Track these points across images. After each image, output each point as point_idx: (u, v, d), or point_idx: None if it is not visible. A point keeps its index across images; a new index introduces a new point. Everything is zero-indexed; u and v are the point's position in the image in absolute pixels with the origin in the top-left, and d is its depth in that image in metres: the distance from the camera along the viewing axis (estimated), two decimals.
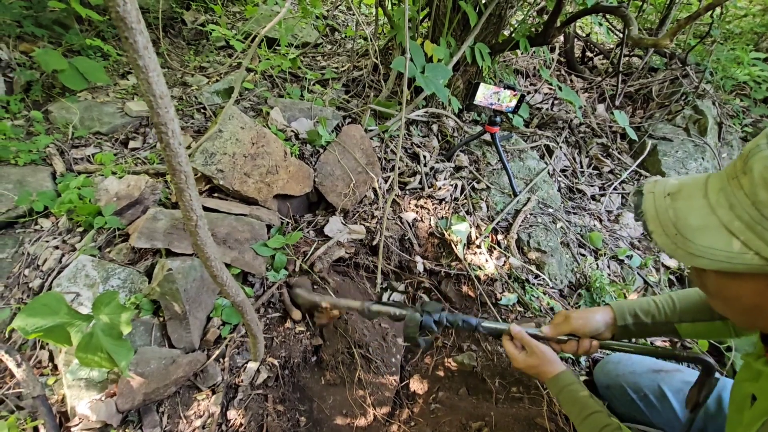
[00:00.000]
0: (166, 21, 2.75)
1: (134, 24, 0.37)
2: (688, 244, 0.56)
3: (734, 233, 0.52)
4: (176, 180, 0.47)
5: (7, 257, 1.37)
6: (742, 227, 0.51)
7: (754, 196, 0.50)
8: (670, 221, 0.58)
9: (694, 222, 0.56)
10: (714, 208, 0.55)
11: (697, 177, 0.60)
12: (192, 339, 1.27)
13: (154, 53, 0.40)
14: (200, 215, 0.52)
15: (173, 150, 0.44)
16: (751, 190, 0.50)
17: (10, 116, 1.81)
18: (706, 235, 0.54)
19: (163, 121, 0.42)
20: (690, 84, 2.95)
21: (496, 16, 2.33)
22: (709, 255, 0.54)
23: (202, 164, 1.53)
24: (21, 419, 1.07)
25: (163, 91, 0.41)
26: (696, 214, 0.56)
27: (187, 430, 1.15)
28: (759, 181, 0.49)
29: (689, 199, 0.58)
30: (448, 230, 1.93)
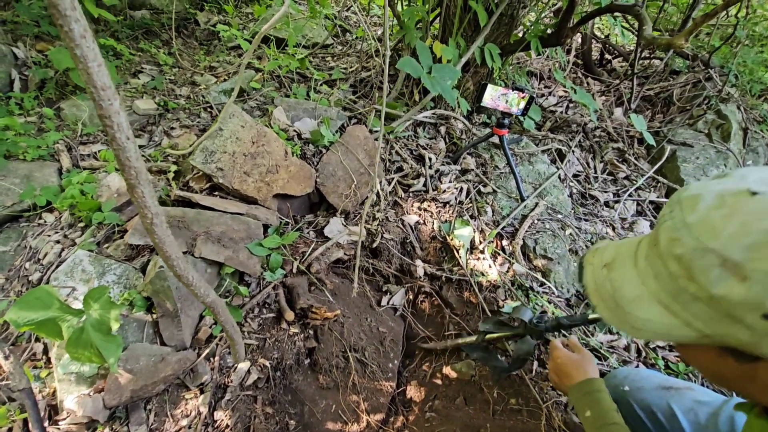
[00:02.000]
0: (179, 21, 2.80)
1: (68, 11, 0.36)
2: (628, 317, 0.52)
3: (664, 304, 0.49)
4: (126, 176, 0.46)
5: (10, 250, 1.40)
6: (669, 298, 0.48)
7: (666, 268, 0.48)
8: (609, 294, 0.55)
9: (628, 294, 0.53)
10: (643, 278, 0.52)
11: (631, 242, 0.57)
12: (183, 337, 1.27)
13: (93, 41, 0.38)
14: (156, 212, 0.51)
15: (120, 144, 0.42)
16: (663, 262, 0.48)
17: (23, 113, 1.86)
18: (641, 307, 0.51)
19: (107, 113, 0.41)
20: (713, 87, 2.82)
21: (507, 16, 2.28)
22: (649, 327, 0.50)
23: (202, 162, 1.53)
24: (11, 411, 1.09)
25: (105, 83, 0.39)
26: (629, 285, 0.53)
27: (173, 429, 1.14)
28: (665, 252, 0.48)
29: (622, 269, 0.55)
30: (451, 234, 1.88)
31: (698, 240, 0.45)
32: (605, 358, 1.57)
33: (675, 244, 0.47)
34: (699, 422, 0.98)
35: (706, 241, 0.45)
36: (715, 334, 0.46)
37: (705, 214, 0.46)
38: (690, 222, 0.46)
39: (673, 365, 1.62)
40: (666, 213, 0.50)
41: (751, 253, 0.42)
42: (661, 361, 1.61)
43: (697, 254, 0.45)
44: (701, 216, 0.46)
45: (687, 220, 0.47)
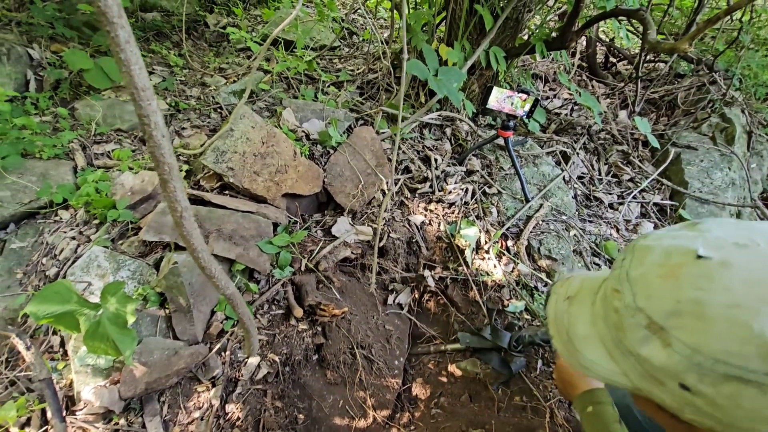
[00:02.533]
0: (189, 24, 2.84)
1: (115, 18, 0.39)
2: (577, 354, 0.52)
3: (608, 349, 0.48)
4: (160, 171, 0.49)
5: (27, 246, 1.43)
6: (612, 345, 0.48)
7: (609, 315, 0.48)
8: (564, 327, 0.55)
9: (580, 331, 0.52)
10: (594, 318, 0.51)
11: (597, 279, 0.56)
12: (195, 332, 1.30)
13: (135, 46, 0.41)
14: (185, 206, 0.54)
15: (156, 142, 0.46)
16: (607, 306, 0.48)
17: (38, 112, 1.90)
18: (589, 347, 0.50)
19: (145, 113, 0.44)
20: (718, 91, 2.84)
21: (513, 19, 2.31)
22: (594, 369, 0.50)
23: (213, 162, 1.56)
24: (30, 401, 1.12)
25: (145, 84, 0.43)
26: (581, 322, 0.53)
27: (186, 420, 1.17)
28: (608, 302, 0.47)
29: (581, 305, 0.54)
30: (457, 234, 1.91)
31: (633, 297, 0.44)
32: None
33: (615, 296, 0.47)
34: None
35: (638, 300, 0.44)
36: (645, 389, 0.45)
37: (646, 271, 0.45)
38: (632, 276, 0.46)
39: None
40: (619, 260, 0.49)
41: (674, 320, 0.40)
42: None
43: (630, 311, 0.44)
44: (643, 272, 0.45)
45: (630, 273, 0.46)
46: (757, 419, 0.38)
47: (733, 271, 0.39)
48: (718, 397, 0.39)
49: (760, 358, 0.36)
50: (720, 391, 0.38)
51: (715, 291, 0.39)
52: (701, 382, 0.39)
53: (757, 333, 0.36)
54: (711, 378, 0.38)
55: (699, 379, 0.39)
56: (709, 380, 0.39)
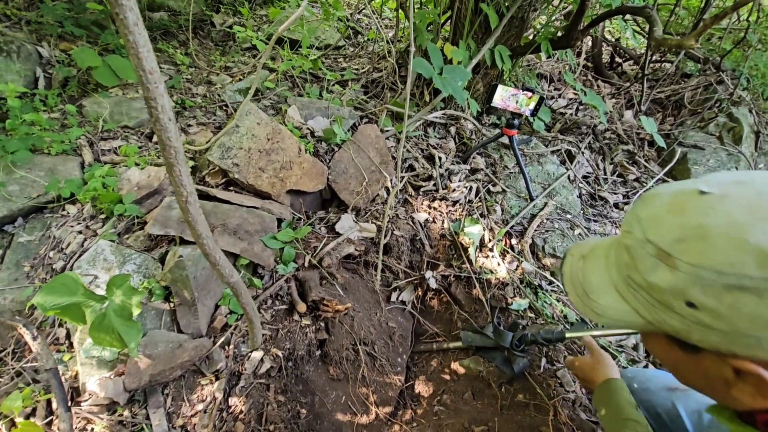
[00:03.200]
0: (196, 23, 2.87)
1: (124, 1, 0.39)
2: (591, 303, 0.57)
3: (620, 292, 0.54)
4: (166, 155, 0.49)
5: (35, 239, 1.45)
6: (623, 286, 0.53)
7: (621, 257, 0.54)
8: (579, 282, 0.60)
9: (594, 281, 0.58)
10: (608, 268, 0.56)
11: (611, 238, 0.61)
12: (199, 325, 1.31)
13: (144, 29, 0.42)
14: (191, 191, 0.54)
15: (163, 125, 0.46)
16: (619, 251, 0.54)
17: (47, 109, 1.92)
18: (602, 294, 0.56)
19: (152, 95, 0.44)
20: (725, 90, 2.82)
21: (518, 18, 2.31)
22: (608, 314, 0.55)
23: (219, 158, 1.57)
24: (35, 392, 1.13)
25: (152, 67, 0.43)
26: (596, 273, 0.58)
27: (189, 412, 1.18)
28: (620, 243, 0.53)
29: (594, 260, 0.60)
30: (461, 232, 1.90)
31: (643, 232, 0.49)
32: (614, 357, 1.57)
33: (626, 236, 0.52)
34: (702, 423, 0.99)
35: (648, 234, 0.49)
36: (655, 320, 0.50)
37: (655, 210, 0.50)
38: (642, 216, 0.51)
39: None
40: (629, 210, 0.55)
41: (680, 246, 0.45)
42: None
43: (640, 245, 0.49)
44: (652, 212, 0.50)
45: (640, 214, 0.51)
46: (757, 324, 0.41)
47: (732, 200, 0.44)
48: (721, 307, 0.43)
49: (757, 265, 0.40)
50: (722, 301, 0.42)
51: (717, 216, 0.44)
52: (705, 295, 0.43)
53: (753, 244, 0.41)
54: (713, 290, 0.43)
55: (703, 293, 0.44)
56: (712, 292, 0.43)
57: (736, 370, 0.47)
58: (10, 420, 1.09)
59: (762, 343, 0.42)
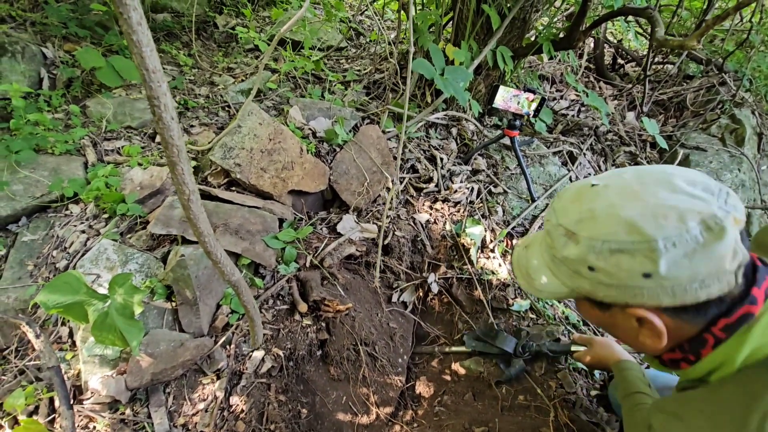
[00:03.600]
0: (199, 24, 2.88)
1: (128, 0, 0.40)
2: (534, 282, 0.71)
3: (551, 270, 0.68)
4: (169, 153, 0.50)
5: (39, 239, 1.46)
6: (552, 265, 0.67)
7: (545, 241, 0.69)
8: (524, 266, 0.74)
9: (534, 263, 0.71)
10: (542, 252, 0.70)
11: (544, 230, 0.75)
12: (201, 324, 1.31)
13: (147, 29, 0.42)
14: (193, 189, 0.55)
15: (165, 123, 0.47)
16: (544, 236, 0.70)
17: (51, 109, 1.93)
18: (540, 272, 0.69)
19: (155, 94, 0.45)
20: (727, 92, 2.81)
21: (520, 20, 2.31)
22: (546, 289, 0.69)
23: (221, 158, 1.58)
24: (38, 390, 1.14)
25: (155, 66, 0.44)
26: (535, 257, 0.72)
27: (191, 411, 1.18)
28: (544, 229, 0.70)
29: (534, 247, 0.74)
30: (462, 233, 1.91)
31: (556, 218, 0.65)
32: None
33: (547, 223, 0.68)
34: None
35: (559, 219, 0.64)
36: (575, 287, 0.64)
37: (563, 201, 0.66)
38: (555, 207, 0.67)
39: None
40: (552, 201, 0.70)
41: (579, 225, 0.60)
42: None
43: (554, 228, 0.65)
44: (561, 203, 0.66)
45: (554, 206, 0.67)
46: (634, 276, 0.55)
47: (611, 189, 0.60)
48: (609, 267, 0.57)
49: (626, 232, 0.55)
50: (609, 262, 0.57)
51: (600, 200, 0.60)
52: (598, 259, 0.58)
53: (623, 217, 0.56)
54: (603, 255, 0.57)
55: (596, 258, 0.58)
56: (602, 257, 0.57)
57: (638, 318, 0.59)
58: (13, 417, 1.10)
59: (644, 292, 0.56)
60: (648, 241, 0.53)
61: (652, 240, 0.53)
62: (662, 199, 0.55)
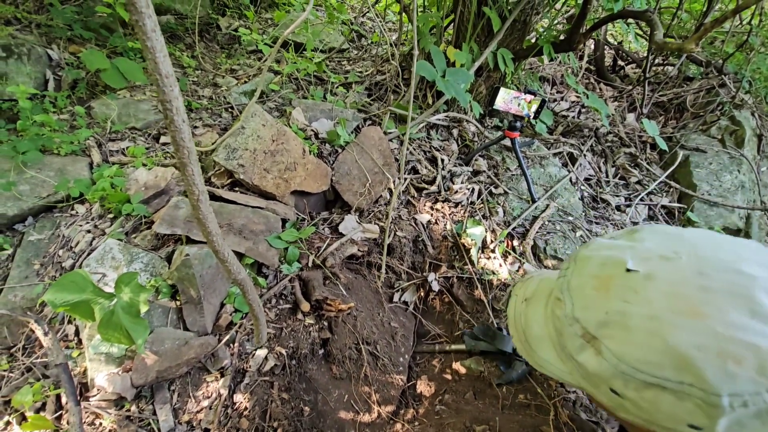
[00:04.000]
0: (202, 26, 2.91)
1: (143, 9, 0.42)
2: (532, 353, 0.55)
3: (557, 351, 0.52)
4: (179, 155, 0.51)
5: (45, 238, 1.48)
6: (559, 348, 0.51)
7: (555, 320, 0.52)
8: (521, 328, 0.58)
9: (535, 332, 0.56)
10: (546, 321, 0.54)
11: (551, 281, 0.58)
12: (205, 323, 1.33)
13: (161, 36, 0.44)
14: (202, 190, 0.57)
15: (177, 126, 0.48)
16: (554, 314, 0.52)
17: (57, 111, 1.96)
18: (543, 347, 0.54)
19: (168, 98, 0.47)
20: (727, 94, 2.82)
21: (520, 22, 2.33)
22: (547, 367, 0.53)
23: (225, 159, 1.60)
24: (45, 387, 1.16)
25: (168, 71, 0.45)
26: (536, 324, 0.56)
27: (195, 408, 1.20)
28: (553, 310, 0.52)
29: (536, 306, 0.57)
30: (463, 233, 1.92)
31: (572, 307, 0.48)
32: None
33: (558, 305, 0.51)
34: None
35: (576, 311, 0.48)
36: (587, 390, 0.49)
37: (583, 282, 0.49)
38: (572, 286, 0.50)
39: None
40: (564, 268, 0.53)
41: (604, 330, 0.44)
42: None
43: (568, 320, 0.49)
44: (580, 282, 0.49)
45: (571, 283, 0.50)
46: (676, 420, 0.41)
47: (656, 284, 0.42)
48: (641, 401, 0.42)
49: (674, 368, 0.39)
50: (642, 396, 0.42)
51: (639, 303, 0.42)
52: (626, 387, 0.43)
53: (671, 345, 0.39)
54: (634, 384, 0.42)
55: (624, 385, 0.43)
56: (633, 386, 0.42)
57: None
58: (21, 414, 1.12)
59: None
60: (707, 392, 0.38)
61: (713, 393, 0.38)
62: (736, 328, 0.38)
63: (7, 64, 1.90)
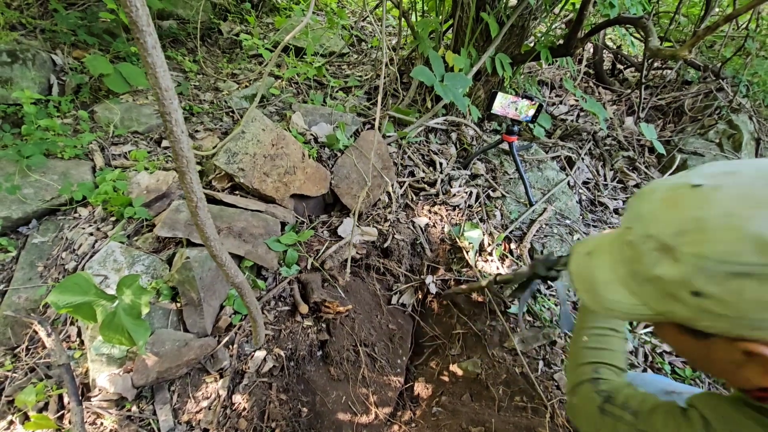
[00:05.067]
0: (204, 31, 2.94)
1: (144, 27, 0.44)
2: (601, 299, 0.58)
3: (628, 287, 0.55)
4: (179, 164, 0.54)
5: (48, 241, 1.51)
6: (630, 281, 0.55)
7: (624, 253, 0.55)
8: (587, 278, 0.62)
9: (601, 277, 0.59)
10: (614, 264, 0.58)
11: (613, 233, 0.62)
12: (205, 325, 1.35)
13: (161, 52, 0.46)
14: (200, 197, 0.59)
15: (176, 137, 0.51)
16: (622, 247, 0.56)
17: (60, 115, 1.99)
18: (611, 289, 0.57)
19: (167, 111, 0.49)
20: (725, 98, 2.84)
21: (518, 27, 2.35)
22: (617, 308, 0.56)
23: (225, 163, 1.62)
24: (48, 387, 1.18)
25: (168, 85, 0.48)
26: (602, 270, 0.60)
27: (194, 409, 1.22)
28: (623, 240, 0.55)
29: (600, 256, 0.61)
30: (461, 236, 1.94)
31: (644, 228, 0.51)
32: None
33: (628, 232, 0.54)
34: None
35: (649, 229, 0.51)
36: (663, 311, 0.52)
37: (653, 206, 0.52)
38: (640, 213, 0.53)
39: (679, 370, 1.64)
40: (628, 207, 0.57)
41: (680, 238, 0.47)
42: (668, 366, 1.64)
43: (642, 240, 0.51)
44: (650, 207, 0.52)
45: (639, 210, 0.53)
46: (761, 307, 0.43)
47: (725, 191, 0.46)
48: (725, 295, 0.44)
49: (756, 252, 0.42)
50: (726, 288, 0.44)
51: (711, 207, 0.46)
52: (709, 284, 0.45)
53: (750, 232, 0.42)
54: (717, 278, 0.44)
55: (707, 282, 0.45)
56: (716, 281, 0.45)
57: (746, 352, 0.48)
58: (24, 413, 1.14)
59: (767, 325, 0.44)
60: None
61: None
62: None
63: (12, 69, 1.93)
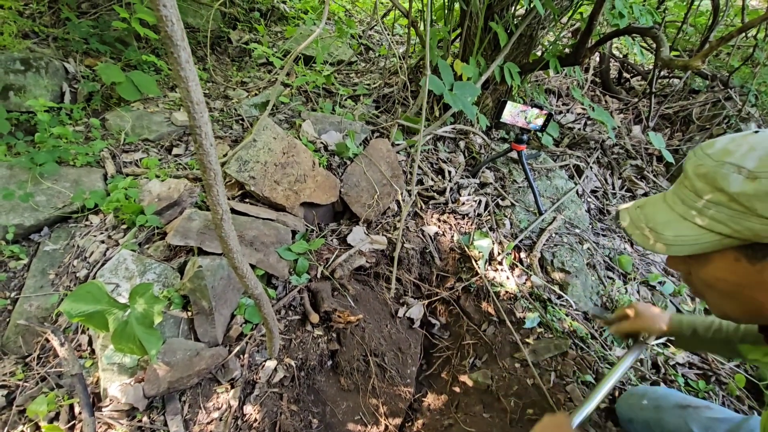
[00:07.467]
0: (213, 39, 2.97)
1: (179, 41, 0.44)
2: (660, 236, 0.67)
3: (689, 219, 0.64)
4: (206, 177, 0.53)
5: (60, 248, 1.51)
6: (695, 213, 0.63)
7: (693, 189, 0.63)
8: (642, 223, 0.71)
9: (660, 219, 0.68)
10: (672, 206, 0.68)
11: (659, 194, 0.74)
12: (216, 334, 1.34)
13: (194, 66, 0.46)
14: (225, 209, 0.59)
15: (205, 150, 0.50)
16: (691, 184, 0.64)
17: (72, 122, 2.00)
18: (671, 226, 0.66)
19: (198, 124, 0.49)
20: (733, 107, 2.83)
21: (527, 36, 2.36)
22: (680, 242, 0.64)
23: (236, 171, 1.63)
24: (59, 397, 1.17)
25: (199, 99, 0.48)
26: (660, 213, 0.69)
27: (205, 420, 1.21)
28: (692, 176, 0.63)
29: (654, 205, 0.72)
30: (470, 245, 1.93)
31: (718, 160, 0.59)
32: None
33: (699, 168, 0.62)
34: None
35: (724, 159, 0.59)
36: (734, 230, 0.58)
37: (720, 147, 0.61)
38: (709, 153, 0.62)
39: (692, 383, 1.62)
40: (689, 157, 0.66)
41: (760, 162, 0.55)
42: (681, 379, 1.62)
43: (718, 167, 0.59)
44: (718, 148, 0.61)
45: (707, 152, 0.62)
46: None
47: None
48: None
49: None
50: None
51: None
52: None
53: None
54: None
55: None
56: None
57: None
58: (35, 424, 1.13)
59: None
60: None
61: None
62: None
63: (25, 77, 1.95)
